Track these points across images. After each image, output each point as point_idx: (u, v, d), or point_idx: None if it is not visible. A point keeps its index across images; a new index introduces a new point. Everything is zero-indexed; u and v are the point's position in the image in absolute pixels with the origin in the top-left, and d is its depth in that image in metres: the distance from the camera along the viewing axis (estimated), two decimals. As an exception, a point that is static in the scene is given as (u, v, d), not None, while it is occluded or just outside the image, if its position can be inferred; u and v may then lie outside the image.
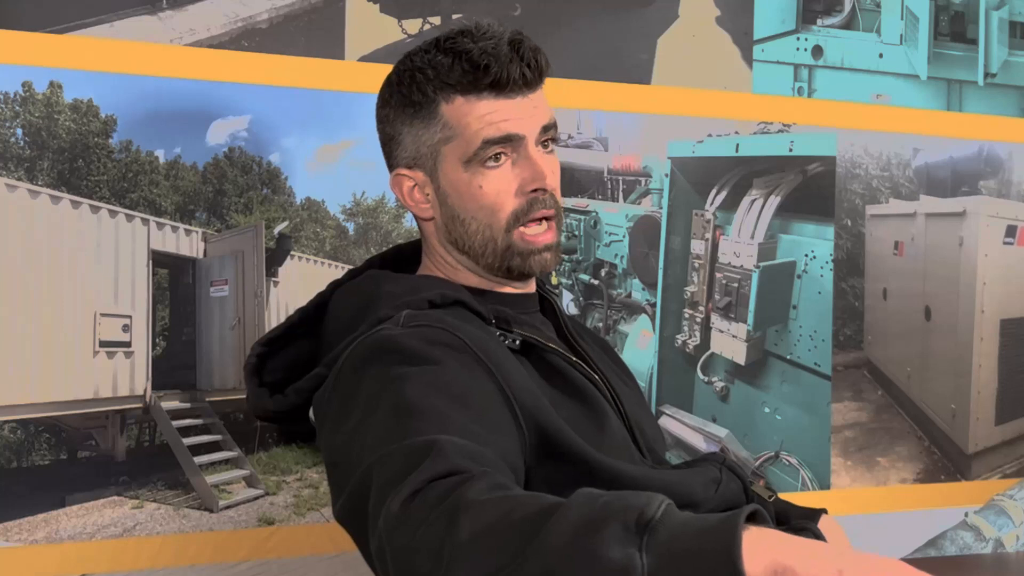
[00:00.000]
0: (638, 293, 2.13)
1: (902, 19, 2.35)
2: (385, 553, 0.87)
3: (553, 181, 1.22)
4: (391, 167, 1.28)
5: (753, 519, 0.76)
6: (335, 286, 1.28)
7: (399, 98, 1.23)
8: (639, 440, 1.24)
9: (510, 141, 1.20)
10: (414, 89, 1.21)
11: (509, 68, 1.18)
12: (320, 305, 1.28)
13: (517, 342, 1.18)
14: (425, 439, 0.92)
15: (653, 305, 2.14)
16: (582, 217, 2.09)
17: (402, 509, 0.86)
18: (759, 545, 0.72)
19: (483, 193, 1.20)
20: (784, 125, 2.24)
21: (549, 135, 1.23)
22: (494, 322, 1.19)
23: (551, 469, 1.09)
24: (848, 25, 2.31)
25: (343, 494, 1.02)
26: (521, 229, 1.21)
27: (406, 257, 1.34)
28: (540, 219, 1.22)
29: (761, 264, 2.18)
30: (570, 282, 2.09)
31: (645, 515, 0.75)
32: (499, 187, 1.20)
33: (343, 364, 1.12)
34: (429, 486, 0.86)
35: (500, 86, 1.19)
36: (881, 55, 2.34)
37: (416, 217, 1.29)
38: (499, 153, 1.20)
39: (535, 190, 1.21)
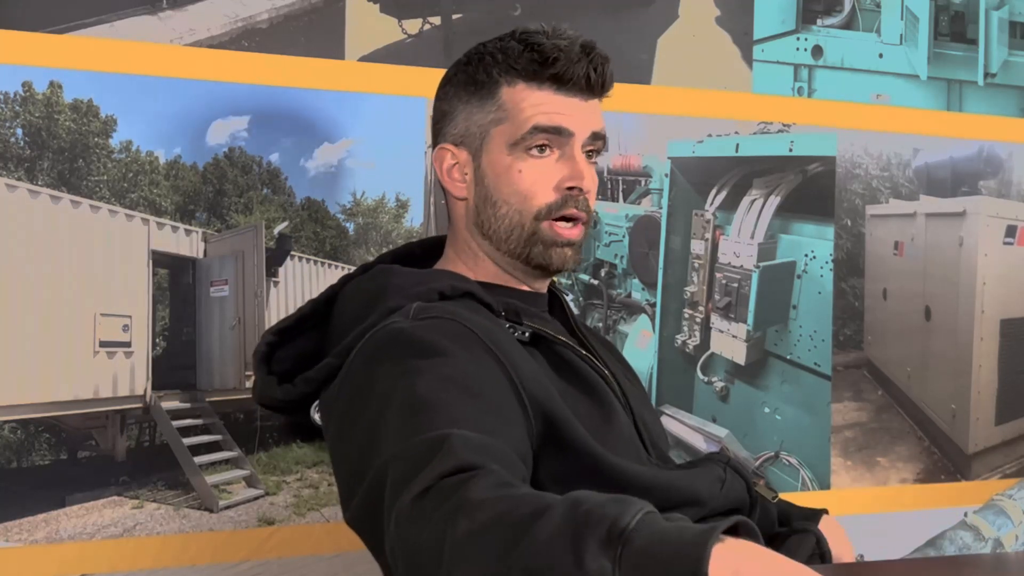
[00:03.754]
0: (638, 293, 2.13)
1: (902, 19, 2.35)
2: (397, 551, 0.87)
3: (590, 185, 1.24)
4: (436, 143, 1.29)
5: (735, 532, 0.76)
6: (346, 279, 1.29)
7: (464, 76, 1.26)
8: (644, 436, 1.25)
9: (559, 134, 1.22)
10: (480, 69, 1.24)
11: (575, 66, 1.21)
12: (330, 298, 1.28)
13: (527, 334, 1.19)
14: (437, 434, 0.93)
15: (653, 305, 2.14)
16: (582, 217, 2.09)
17: (412, 506, 0.86)
18: (726, 566, 0.72)
19: (521, 178, 1.22)
20: (784, 125, 2.24)
21: (596, 145, 1.26)
22: (503, 314, 1.20)
23: (556, 461, 1.09)
24: (848, 25, 2.31)
25: (356, 496, 1.02)
26: (550, 221, 1.22)
27: (416, 256, 1.34)
28: (571, 219, 1.23)
29: (761, 264, 2.18)
30: (570, 282, 2.09)
31: (618, 524, 0.75)
32: (538, 176, 1.22)
33: (354, 358, 1.12)
34: (438, 483, 0.86)
35: (562, 81, 1.22)
36: (881, 55, 2.34)
37: (448, 196, 1.29)
38: (544, 145, 1.22)
39: (571, 188, 1.22)
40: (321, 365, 1.17)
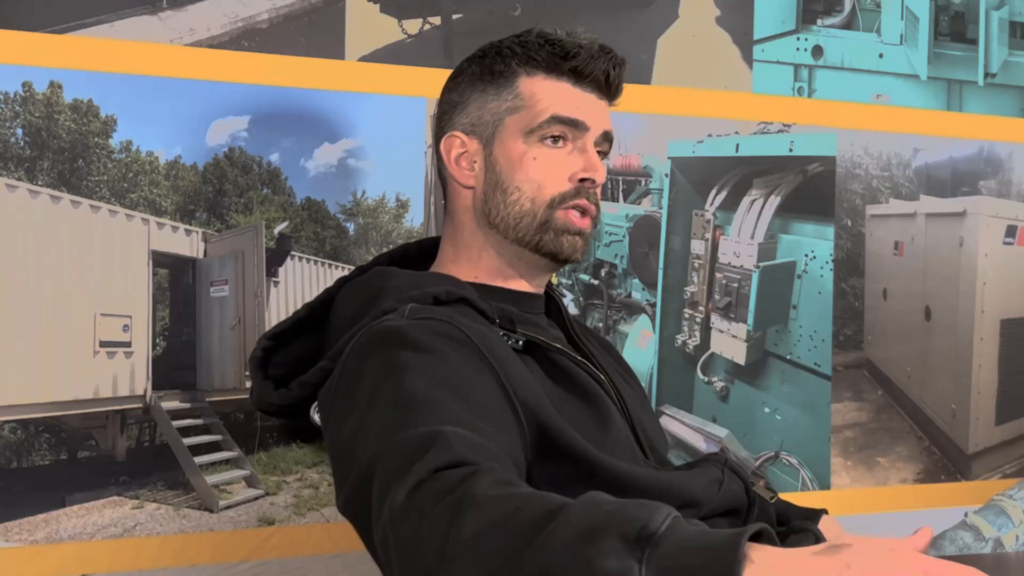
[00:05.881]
0: (638, 293, 2.13)
1: (902, 19, 2.35)
2: (389, 544, 0.87)
3: (602, 179, 1.25)
4: (442, 133, 1.29)
5: (758, 538, 0.75)
6: (342, 282, 1.29)
7: (479, 68, 1.27)
8: (642, 440, 1.24)
9: (575, 126, 1.23)
10: (498, 60, 1.25)
11: (595, 62, 1.24)
12: (326, 301, 1.28)
13: (520, 342, 1.19)
14: (429, 429, 0.92)
15: (653, 305, 2.14)
16: (582, 217, 2.09)
17: (407, 499, 0.85)
18: (761, 570, 0.72)
19: (536, 166, 1.23)
20: (784, 125, 2.24)
21: (604, 147, 1.27)
22: (497, 322, 1.19)
23: (551, 467, 1.09)
24: (848, 25, 2.31)
25: (347, 485, 1.02)
26: (564, 209, 1.23)
27: (413, 257, 1.34)
28: (582, 210, 1.24)
29: (761, 264, 2.18)
30: (570, 282, 2.09)
31: (648, 528, 0.74)
32: (553, 166, 1.23)
33: (347, 355, 1.12)
34: (434, 476, 0.86)
35: (581, 76, 1.24)
36: (881, 55, 2.34)
37: (451, 187, 1.29)
38: (559, 136, 1.23)
39: (584, 180, 1.23)
40: (316, 368, 1.17)
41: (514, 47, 1.25)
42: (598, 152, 1.26)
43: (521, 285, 1.28)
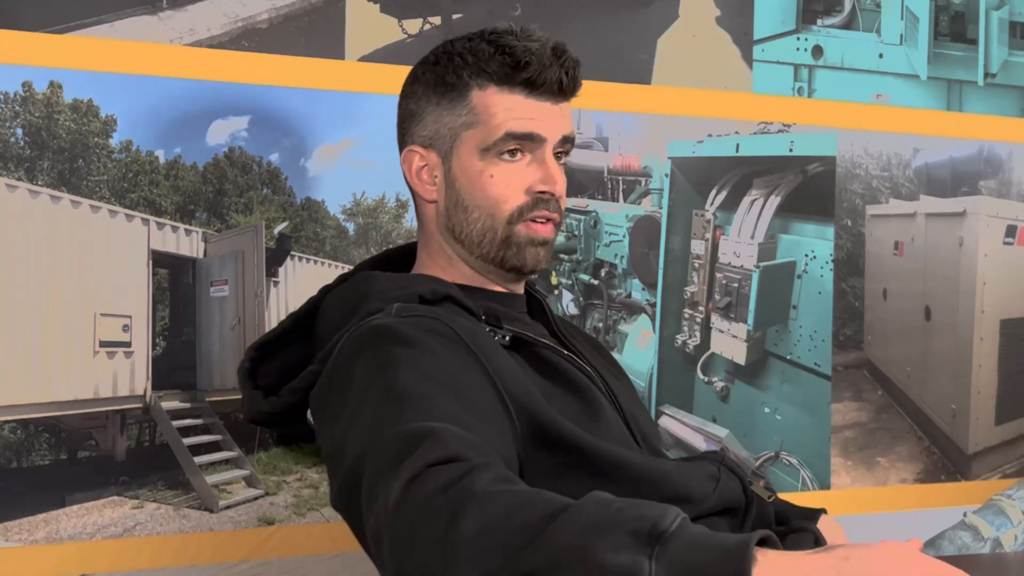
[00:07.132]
0: (638, 293, 2.13)
1: (902, 19, 2.35)
2: (382, 537, 0.87)
3: (562, 190, 1.24)
4: (404, 144, 1.28)
5: (765, 543, 0.76)
6: (326, 291, 1.29)
7: (432, 76, 1.25)
8: (634, 430, 1.24)
9: (531, 140, 1.22)
10: (450, 70, 1.23)
11: (547, 71, 1.21)
12: (311, 310, 1.28)
13: (507, 338, 1.19)
14: (420, 425, 0.93)
15: (653, 305, 2.14)
16: (582, 217, 2.09)
17: (402, 494, 0.85)
18: (766, 570, 0.73)
19: (493, 183, 1.22)
20: (784, 125, 2.24)
21: (565, 148, 1.26)
22: (483, 318, 1.20)
23: (544, 457, 1.09)
24: (848, 25, 2.31)
25: (338, 477, 1.02)
26: (525, 223, 1.23)
27: (395, 262, 1.34)
28: (544, 219, 1.23)
29: (761, 264, 2.18)
30: (570, 282, 2.09)
31: (659, 526, 0.75)
32: (510, 181, 1.22)
33: (336, 355, 1.13)
34: (427, 471, 0.86)
35: (534, 86, 1.21)
36: (881, 55, 2.34)
37: (417, 199, 1.29)
38: (516, 149, 1.22)
39: (543, 192, 1.22)
40: (305, 373, 1.17)
41: (465, 55, 1.22)
42: (559, 153, 1.25)
43: (498, 288, 1.28)
